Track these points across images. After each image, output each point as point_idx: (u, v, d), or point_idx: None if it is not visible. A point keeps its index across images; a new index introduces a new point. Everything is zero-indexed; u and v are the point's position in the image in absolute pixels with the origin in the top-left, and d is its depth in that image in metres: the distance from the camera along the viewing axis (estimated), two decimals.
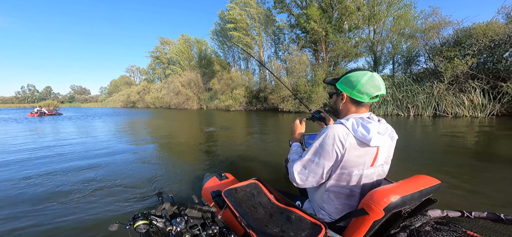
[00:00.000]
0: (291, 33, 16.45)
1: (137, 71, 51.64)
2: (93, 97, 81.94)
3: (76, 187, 2.17)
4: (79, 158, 3.26)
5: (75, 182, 2.30)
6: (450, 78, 8.62)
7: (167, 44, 33.60)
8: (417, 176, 0.76)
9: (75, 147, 4.07)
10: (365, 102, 0.79)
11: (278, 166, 2.60)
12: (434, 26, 9.95)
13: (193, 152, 3.62)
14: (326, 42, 14.04)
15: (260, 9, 18.23)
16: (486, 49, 8.30)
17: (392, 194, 0.62)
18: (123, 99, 40.91)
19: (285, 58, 14.69)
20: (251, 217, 0.76)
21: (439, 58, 9.01)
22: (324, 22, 13.08)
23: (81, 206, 1.80)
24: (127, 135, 5.72)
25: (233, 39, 19.58)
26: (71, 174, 2.57)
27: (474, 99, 7.92)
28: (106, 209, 1.73)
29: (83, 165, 2.91)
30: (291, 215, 0.76)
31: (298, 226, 0.70)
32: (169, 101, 27.96)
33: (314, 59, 15.33)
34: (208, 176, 1.37)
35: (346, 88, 0.80)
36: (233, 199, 0.86)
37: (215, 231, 0.77)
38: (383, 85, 0.77)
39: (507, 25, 7.87)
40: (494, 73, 8.06)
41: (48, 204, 1.84)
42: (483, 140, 4.02)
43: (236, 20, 18.43)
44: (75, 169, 2.72)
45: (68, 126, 8.29)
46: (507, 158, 2.81)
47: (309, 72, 14.05)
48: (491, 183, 2.05)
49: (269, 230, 0.70)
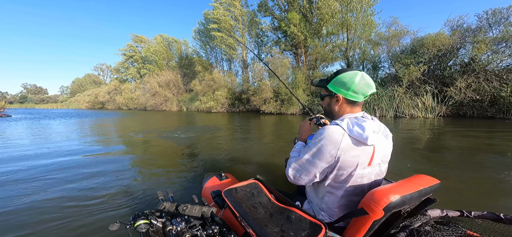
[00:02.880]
0: (273, 36, 16.84)
1: (107, 70, 46.84)
2: (51, 97, 71.35)
3: (76, 187, 2.16)
4: (77, 159, 3.20)
5: (74, 183, 2.28)
6: (407, 83, 9.89)
7: (142, 42, 31.17)
8: (416, 175, 0.76)
9: (70, 147, 3.97)
10: (359, 102, 0.80)
11: (278, 167, 2.64)
12: (395, 34, 11.29)
13: (192, 153, 3.58)
14: (305, 46, 14.76)
15: (244, 10, 18.24)
16: (435, 57, 9.76)
17: (392, 193, 0.62)
18: (90, 100, 36.72)
19: (268, 61, 14.99)
20: (251, 217, 0.75)
21: (399, 65, 10.26)
22: (302, 26, 13.73)
23: (82, 205, 1.79)
24: (121, 136, 5.47)
25: (215, 40, 19.20)
26: (69, 175, 2.53)
27: (426, 102, 9.24)
28: (106, 209, 1.73)
29: (81, 165, 2.86)
30: (291, 215, 0.76)
31: (298, 226, 0.70)
32: (144, 102, 26.03)
33: (295, 62, 15.97)
34: (208, 176, 1.36)
35: (340, 89, 0.79)
36: (233, 199, 0.85)
37: (215, 231, 0.77)
38: (373, 83, 0.80)
39: (451, 36, 9.38)
40: (441, 79, 9.51)
41: (49, 205, 1.81)
42: (439, 137, 4.70)
43: (219, 20, 18.12)
44: (74, 169, 2.70)
45: (31, 129, 7.11)
46: (458, 151, 3.38)
47: (290, 75, 14.60)
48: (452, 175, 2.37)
49: (269, 230, 0.70)
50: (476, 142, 3.91)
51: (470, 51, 8.82)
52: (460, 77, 8.71)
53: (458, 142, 4.03)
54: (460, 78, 8.67)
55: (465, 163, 2.74)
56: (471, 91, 8.33)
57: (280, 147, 3.89)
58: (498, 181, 2.13)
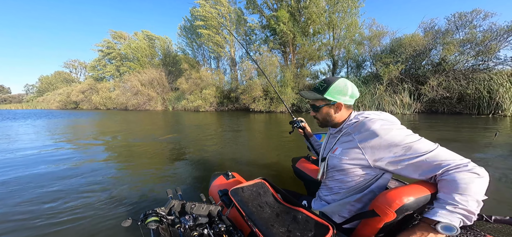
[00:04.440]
0: (262, 34, 16.78)
1: (80, 67, 42.94)
2: (15, 96, 63.55)
3: (90, 185, 2.27)
4: (87, 159, 3.29)
5: (88, 181, 2.39)
6: (387, 81, 10.56)
7: (121, 38, 28.99)
8: None
9: (80, 148, 4.03)
10: (352, 105, 0.88)
11: (284, 166, 2.63)
12: (376, 35, 11.94)
13: (199, 152, 3.59)
14: (293, 45, 14.95)
15: (231, 8, 17.84)
16: (410, 57, 10.53)
17: (405, 196, 0.59)
18: (61, 99, 33.49)
19: (256, 59, 14.92)
20: (257, 216, 0.75)
21: (379, 64, 10.89)
22: (291, 25, 13.87)
23: (96, 203, 1.87)
24: (126, 136, 5.35)
25: (202, 38, 18.56)
26: (83, 173, 2.62)
27: (404, 99, 9.95)
28: (119, 206, 1.81)
29: (92, 165, 2.94)
30: (297, 215, 0.76)
31: (304, 226, 0.69)
32: (125, 102, 24.40)
33: (283, 60, 16.11)
34: (216, 175, 1.37)
35: (340, 97, 0.84)
36: (240, 198, 0.85)
37: (222, 230, 0.78)
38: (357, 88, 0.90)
39: (424, 38, 10.17)
40: (416, 78, 10.31)
41: (63, 204, 1.88)
42: (417, 132, 5.08)
43: (206, 17, 17.51)
44: (87, 169, 2.79)
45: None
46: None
47: (279, 73, 14.70)
48: None
49: (275, 229, 0.69)
50: (447, 135, 4.32)
51: (441, 51, 9.66)
52: (433, 76, 9.51)
53: (434, 136, 4.40)
54: (432, 77, 9.47)
55: None
56: (442, 89, 9.15)
57: (285, 146, 3.91)
58: None
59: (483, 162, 2.55)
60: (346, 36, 13.65)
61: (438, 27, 10.33)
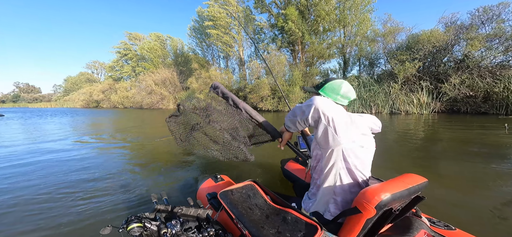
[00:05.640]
0: (270, 33, 16.72)
1: (101, 68, 45.93)
2: (45, 96, 69.82)
3: (65, 190, 2.09)
4: (68, 159, 3.12)
5: (63, 184, 2.21)
6: (403, 80, 9.97)
7: (136, 39, 30.57)
8: (405, 174, 0.78)
9: (63, 148, 3.84)
10: (344, 105, 0.92)
11: (273, 168, 2.62)
12: (391, 31, 11.32)
13: (187, 154, 3.53)
14: (302, 43, 14.70)
15: (239, 7, 17.99)
16: (429, 54, 9.84)
17: (383, 192, 0.63)
18: (84, 98, 36.05)
19: (265, 58, 14.91)
20: (247, 219, 0.76)
21: (394, 61, 10.32)
22: (300, 22, 13.65)
23: (71, 209, 1.73)
24: (117, 136, 5.39)
25: (211, 38, 18.95)
26: (59, 175, 2.45)
27: (421, 98, 9.34)
28: (98, 212, 1.67)
29: (72, 166, 2.79)
30: (287, 216, 0.77)
31: (294, 227, 0.71)
32: (140, 101, 25.68)
33: (292, 58, 15.91)
34: (204, 178, 1.36)
35: (330, 95, 0.90)
36: (229, 201, 0.85)
37: (211, 233, 0.77)
38: (354, 91, 0.95)
39: (445, 33, 9.45)
40: (436, 76, 9.62)
41: (36, 207, 1.75)
42: (435, 133, 4.75)
43: (215, 17, 17.86)
44: (64, 171, 2.61)
45: (16, 130, 6.96)
46: (455, 147, 3.43)
47: (287, 72, 14.55)
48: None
49: (265, 231, 0.70)
50: (471, 138, 3.97)
51: (464, 47, 8.91)
52: (454, 73, 8.81)
53: (454, 138, 4.09)
54: (454, 74, 8.77)
55: (460, 160, 2.77)
56: (465, 87, 8.44)
57: (276, 147, 3.84)
58: (495, 175, 2.16)
59: None
60: (358, 33, 13.11)
61: (461, 22, 9.53)
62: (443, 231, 0.82)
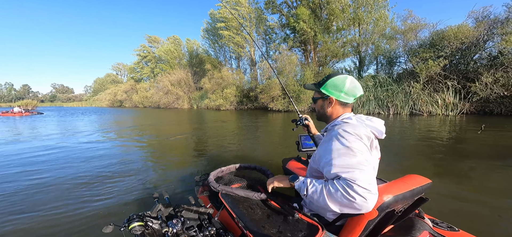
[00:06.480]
0: (281, 33, 16.69)
1: (124, 69, 49.68)
2: (77, 96, 77.48)
3: (67, 188, 2.11)
4: (72, 159, 3.18)
5: (65, 183, 2.23)
6: (425, 79, 9.26)
7: (155, 42, 32.59)
8: (408, 175, 0.76)
9: (67, 148, 3.98)
10: (349, 103, 0.83)
11: (275, 167, 2.58)
12: (412, 28, 10.60)
13: (188, 152, 3.59)
14: (315, 42, 14.43)
15: (250, 8, 18.28)
16: (457, 51, 9.01)
17: (385, 193, 0.62)
18: (110, 98, 39.25)
19: (276, 58, 14.91)
20: (248, 218, 0.75)
21: (416, 59, 9.63)
22: (312, 22, 13.44)
23: (73, 207, 1.73)
24: (120, 136, 5.68)
25: (223, 39, 19.49)
26: (61, 175, 2.49)
27: (447, 99, 8.58)
28: (100, 210, 1.68)
29: (75, 166, 2.83)
30: (288, 216, 0.76)
31: (295, 227, 0.70)
32: (158, 100, 27.28)
33: (304, 58, 15.69)
34: (205, 177, 1.36)
35: (333, 92, 0.82)
36: (230, 200, 0.85)
37: (212, 233, 0.76)
38: (361, 87, 0.84)
39: (475, 28, 8.60)
40: (464, 74, 8.77)
41: (39, 206, 1.77)
42: (464, 136, 4.34)
43: (227, 18, 18.35)
44: (67, 171, 2.65)
45: (50, 126, 7.99)
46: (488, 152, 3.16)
47: (299, 72, 14.38)
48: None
49: (266, 231, 0.69)
50: (501, 141, 3.57)
51: (498, 43, 8.01)
52: (487, 71, 7.95)
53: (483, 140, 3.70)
54: (487, 72, 7.92)
55: (489, 163, 2.52)
56: (499, 87, 7.58)
57: (279, 147, 3.84)
58: None
59: None
60: (374, 31, 12.49)
61: (495, 16, 8.58)
62: (446, 232, 0.79)
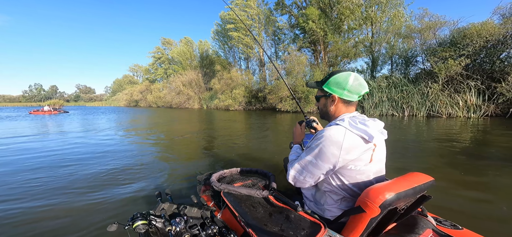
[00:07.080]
0: (291, 33, 16.62)
1: (140, 70, 52.43)
2: (98, 96, 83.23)
3: (73, 186, 2.12)
4: (78, 158, 3.24)
5: (71, 182, 2.26)
6: (445, 79, 8.69)
7: (169, 44, 34.09)
8: (411, 173, 0.75)
9: (76, 146, 4.11)
10: (354, 101, 0.81)
11: (277, 166, 2.58)
12: (430, 26, 10.02)
13: (192, 152, 3.65)
14: (325, 43, 14.17)
15: (259, 10, 18.44)
16: (481, 50, 8.36)
17: (387, 191, 0.62)
18: (126, 98, 41.59)
19: (285, 59, 14.87)
20: (250, 217, 0.76)
21: (434, 59, 9.09)
22: (322, 22, 13.22)
23: (78, 206, 1.75)
24: (133, 134, 5.96)
25: (232, 40, 19.84)
26: (69, 172, 2.52)
27: (468, 100, 7.99)
28: (104, 209, 1.70)
29: (80, 164, 2.89)
30: (290, 214, 0.76)
31: (297, 225, 0.70)
32: (170, 101, 28.42)
33: (313, 59, 15.47)
34: (208, 176, 1.39)
35: (335, 90, 0.80)
36: (232, 198, 0.86)
37: (215, 231, 0.77)
38: (365, 84, 0.81)
39: (502, 25, 7.92)
40: (489, 74, 8.11)
41: (42, 203, 1.79)
42: (490, 140, 4.02)
43: (236, 20, 18.67)
44: (74, 169, 2.68)
45: (72, 123, 8.76)
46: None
47: (308, 72, 14.21)
48: None
49: (269, 229, 0.70)
50: None
51: None
52: None
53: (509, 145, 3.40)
54: None
55: None
56: None
57: (283, 146, 3.83)
58: None
59: None
60: (389, 29, 11.98)
61: None
62: (449, 230, 0.78)
